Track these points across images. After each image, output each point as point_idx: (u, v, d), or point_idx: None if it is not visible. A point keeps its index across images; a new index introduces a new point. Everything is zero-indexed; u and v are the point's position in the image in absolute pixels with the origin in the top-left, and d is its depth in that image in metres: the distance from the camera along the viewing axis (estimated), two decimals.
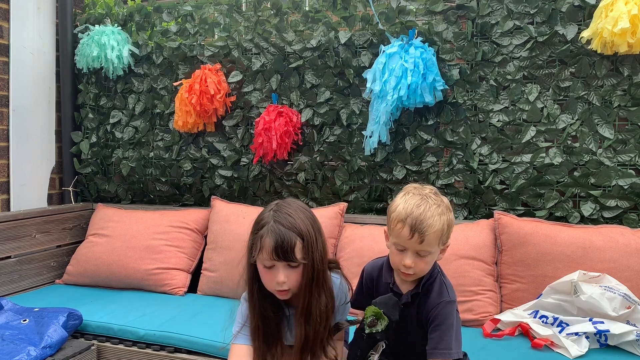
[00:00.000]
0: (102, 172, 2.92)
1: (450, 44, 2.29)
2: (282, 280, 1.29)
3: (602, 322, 1.73)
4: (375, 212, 2.44)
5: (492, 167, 2.24)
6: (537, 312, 1.88)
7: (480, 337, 1.85)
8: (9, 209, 2.65)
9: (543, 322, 1.83)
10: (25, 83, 2.73)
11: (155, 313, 2.09)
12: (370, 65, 2.34)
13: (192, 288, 2.43)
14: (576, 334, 1.73)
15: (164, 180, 2.79)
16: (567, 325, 1.79)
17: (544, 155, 2.17)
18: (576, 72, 2.13)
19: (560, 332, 1.76)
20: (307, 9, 2.52)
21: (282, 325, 1.43)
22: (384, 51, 2.23)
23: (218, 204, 2.52)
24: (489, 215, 2.25)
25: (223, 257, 2.35)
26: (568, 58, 2.14)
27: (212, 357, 1.84)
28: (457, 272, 1.99)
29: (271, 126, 2.40)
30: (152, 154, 2.80)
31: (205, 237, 2.54)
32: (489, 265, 2.07)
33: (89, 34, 2.75)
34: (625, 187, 2.07)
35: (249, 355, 1.37)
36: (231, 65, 2.65)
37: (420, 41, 2.23)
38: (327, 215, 2.30)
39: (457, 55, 2.28)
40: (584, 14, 2.11)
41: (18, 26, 2.68)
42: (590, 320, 1.75)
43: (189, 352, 1.89)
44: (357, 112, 2.42)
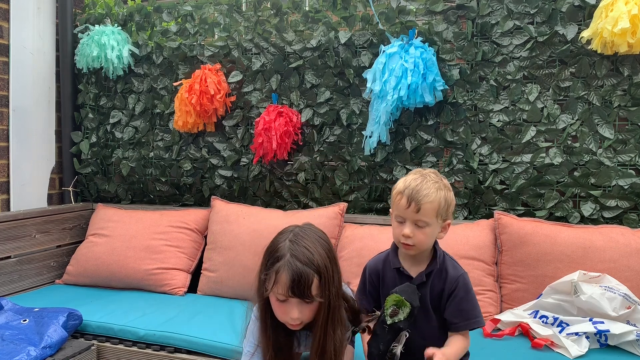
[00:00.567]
0: (102, 172, 2.92)
1: (450, 44, 2.29)
2: (296, 317, 1.28)
3: (602, 322, 1.73)
4: (375, 212, 2.44)
5: (492, 167, 2.24)
6: (537, 312, 1.88)
7: (480, 337, 1.85)
8: (9, 209, 2.65)
9: (543, 322, 1.83)
10: (25, 83, 2.73)
11: (155, 313, 2.09)
12: (370, 65, 2.34)
13: (192, 288, 2.43)
14: (576, 334, 1.73)
15: (164, 180, 2.79)
16: (567, 325, 1.79)
17: (544, 155, 2.17)
18: (576, 72, 2.13)
19: (560, 332, 1.76)
20: (307, 9, 2.52)
21: (293, 339, 1.43)
22: (384, 51, 2.23)
23: (218, 204, 2.52)
24: (489, 215, 2.25)
25: (223, 257, 2.35)
26: (568, 58, 2.14)
27: (212, 357, 1.84)
28: None
29: (271, 126, 2.40)
30: (152, 154, 2.80)
31: (205, 237, 2.54)
32: (489, 265, 2.07)
33: (89, 34, 2.75)
34: (626, 187, 2.07)
35: None
36: (231, 65, 2.65)
37: (420, 41, 2.23)
38: (327, 215, 2.30)
39: (457, 55, 2.28)
40: (584, 14, 2.11)
41: (18, 26, 2.68)
42: (590, 320, 1.75)
43: (189, 352, 1.89)
44: (357, 112, 2.42)
